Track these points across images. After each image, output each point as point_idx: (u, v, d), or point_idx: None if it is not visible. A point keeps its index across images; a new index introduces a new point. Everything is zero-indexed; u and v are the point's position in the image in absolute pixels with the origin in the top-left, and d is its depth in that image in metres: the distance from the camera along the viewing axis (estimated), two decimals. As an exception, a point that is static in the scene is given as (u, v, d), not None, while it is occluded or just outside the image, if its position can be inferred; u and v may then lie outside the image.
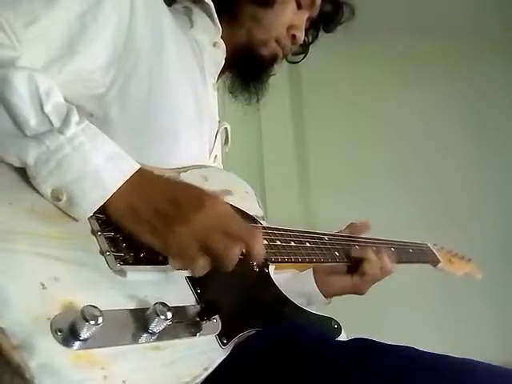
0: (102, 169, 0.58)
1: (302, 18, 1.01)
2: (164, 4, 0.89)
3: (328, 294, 1.06)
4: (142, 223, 0.60)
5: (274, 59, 1.02)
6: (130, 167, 0.61)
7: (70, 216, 0.57)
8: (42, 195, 0.56)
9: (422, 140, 2.86)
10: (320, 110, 2.86)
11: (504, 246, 2.73)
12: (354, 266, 1.04)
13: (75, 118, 0.58)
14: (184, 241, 0.59)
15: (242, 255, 0.63)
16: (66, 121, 0.57)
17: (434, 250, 1.39)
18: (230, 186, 0.88)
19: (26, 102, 0.56)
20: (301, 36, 1.01)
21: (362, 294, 1.07)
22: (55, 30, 0.66)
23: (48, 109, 0.57)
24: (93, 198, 0.57)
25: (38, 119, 0.56)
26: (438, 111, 2.90)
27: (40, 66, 0.64)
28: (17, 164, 0.56)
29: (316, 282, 1.05)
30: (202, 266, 0.60)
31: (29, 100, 0.56)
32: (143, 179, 0.61)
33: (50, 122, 0.57)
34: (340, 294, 1.08)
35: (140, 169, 0.61)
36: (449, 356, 0.59)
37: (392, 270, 1.07)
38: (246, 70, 1.03)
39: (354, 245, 1.09)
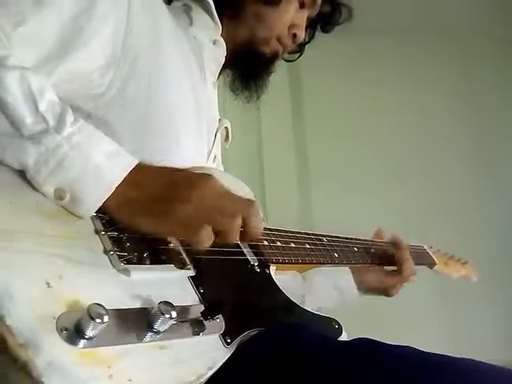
0: (101, 166, 0.57)
1: (303, 17, 1.02)
2: (162, 2, 0.89)
3: (361, 289, 1.17)
4: (142, 213, 0.60)
5: (274, 57, 1.03)
6: (128, 162, 0.61)
7: (73, 215, 0.57)
8: (45, 196, 0.56)
9: (422, 139, 2.88)
10: (320, 109, 2.88)
11: (505, 244, 2.75)
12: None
13: (70, 117, 0.58)
14: (186, 216, 0.60)
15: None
16: (60, 120, 0.57)
17: (430, 253, 1.41)
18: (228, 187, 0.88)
19: (19, 100, 0.55)
20: (301, 35, 1.02)
21: (390, 296, 1.19)
22: (45, 31, 0.65)
23: (43, 107, 0.57)
24: (95, 196, 0.57)
25: (33, 118, 0.56)
26: (438, 109, 2.92)
27: (30, 66, 0.62)
28: (16, 166, 0.55)
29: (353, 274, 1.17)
30: (207, 236, 0.60)
31: (22, 99, 0.56)
32: (140, 173, 0.61)
33: (46, 120, 0.56)
34: (371, 292, 1.19)
35: (138, 163, 0.61)
36: (450, 356, 0.59)
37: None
38: (246, 68, 1.04)
39: (353, 247, 1.10)
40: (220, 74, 1.03)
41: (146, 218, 0.60)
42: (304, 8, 1.01)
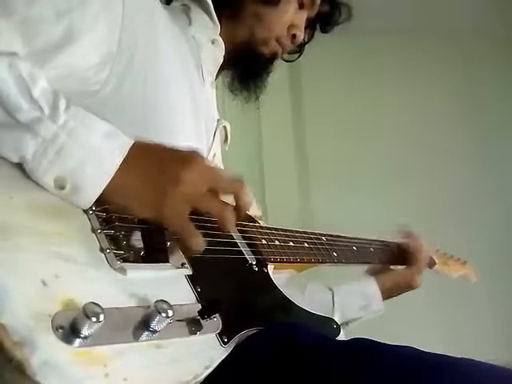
0: (100, 149, 0.57)
1: (302, 18, 1.02)
2: (159, 2, 0.88)
3: (385, 294, 1.14)
4: (135, 197, 0.59)
5: (273, 58, 1.03)
6: (125, 143, 0.60)
7: (70, 212, 0.57)
8: (45, 187, 0.55)
9: (422, 139, 2.88)
10: (320, 109, 2.87)
11: (505, 244, 2.75)
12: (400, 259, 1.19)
13: (62, 104, 0.57)
14: (177, 207, 0.59)
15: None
16: (55, 108, 0.56)
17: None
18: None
19: (11, 87, 0.55)
20: (301, 35, 1.02)
21: (415, 288, 1.19)
22: (36, 24, 0.63)
23: (36, 94, 0.56)
24: (96, 180, 0.57)
25: (27, 105, 0.55)
26: (438, 110, 2.93)
27: (21, 56, 0.61)
28: (14, 159, 0.54)
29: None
30: (201, 243, 0.61)
31: (15, 86, 0.55)
32: (136, 154, 0.60)
33: (41, 108, 0.56)
34: (394, 292, 1.17)
35: (132, 145, 0.61)
36: (450, 356, 0.59)
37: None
38: (245, 68, 1.03)
39: (352, 246, 1.10)
40: (219, 74, 1.02)
41: (139, 203, 0.59)
42: (303, 8, 1.01)
